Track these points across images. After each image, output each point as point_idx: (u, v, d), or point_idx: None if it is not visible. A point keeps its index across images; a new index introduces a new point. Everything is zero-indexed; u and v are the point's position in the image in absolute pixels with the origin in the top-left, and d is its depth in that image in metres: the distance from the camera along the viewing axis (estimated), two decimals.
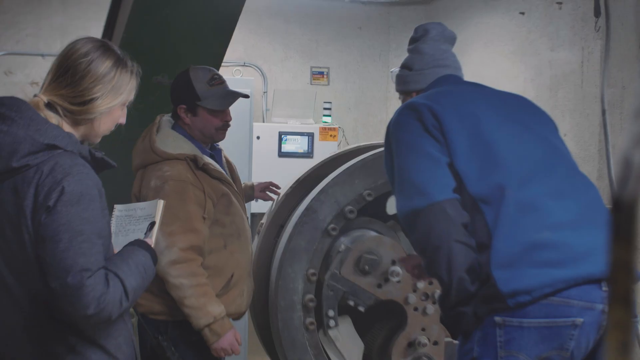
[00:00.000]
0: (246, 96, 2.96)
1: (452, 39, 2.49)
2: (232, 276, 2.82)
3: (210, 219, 2.74)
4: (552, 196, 2.06)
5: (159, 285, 2.63)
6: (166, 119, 2.89)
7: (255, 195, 3.32)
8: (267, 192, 3.39)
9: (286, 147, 6.55)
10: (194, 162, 2.75)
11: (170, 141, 2.78)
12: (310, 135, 6.61)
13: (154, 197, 2.62)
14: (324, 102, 7.08)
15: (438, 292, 3.27)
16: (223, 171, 2.87)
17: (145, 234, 2.09)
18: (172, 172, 2.70)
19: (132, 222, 2.15)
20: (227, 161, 3.07)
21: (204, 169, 2.76)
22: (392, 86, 2.58)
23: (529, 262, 1.94)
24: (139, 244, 2.02)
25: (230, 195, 2.84)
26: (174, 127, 2.87)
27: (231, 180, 2.90)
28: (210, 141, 2.91)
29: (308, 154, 6.56)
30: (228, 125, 2.91)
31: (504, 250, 1.96)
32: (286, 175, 4.03)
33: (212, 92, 2.82)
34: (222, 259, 2.79)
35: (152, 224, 2.12)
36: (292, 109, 6.81)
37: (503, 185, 2.03)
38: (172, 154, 2.74)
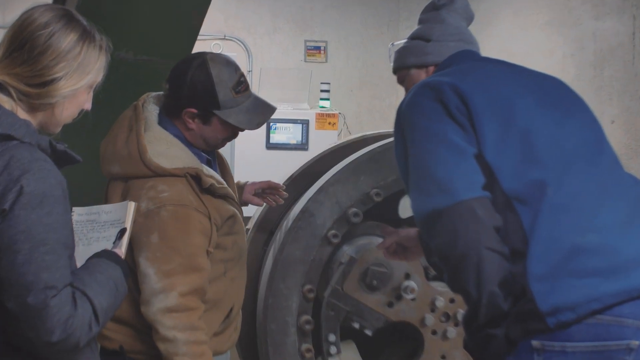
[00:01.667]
0: (275, 109, 2.85)
1: (471, 19, 2.57)
2: (231, 309, 2.78)
3: (213, 248, 2.65)
4: (598, 193, 2.08)
5: (144, 321, 2.60)
6: (152, 108, 2.74)
7: (244, 199, 3.15)
8: (269, 198, 3.20)
9: (276, 138, 6.56)
10: (195, 179, 2.63)
11: (164, 148, 2.63)
12: (305, 123, 6.62)
13: (145, 223, 2.52)
14: (321, 83, 7.09)
15: (461, 311, 3.28)
16: (226, 184, 2.76)
17: (114, 243, 2.09)
18: (171, 194, 2.57)
19: (95, 228, 2.15)
20: (219, 157, 3.01)
21: (210, 190, 2.65)
22: None
23: (571, 271, 1.95)
24: (107, 255, 2.01)
25: (236, 215, 2.76)
26: (163, 123, 2.72)
27: (234, 195, 2.79)
28: (209, 149, 2.81)
29: (302, 146, 6.57)
30: (237, 135, 2.82)
31: (542, 258, 1.96)
32: (276, 171, 4.04)
33: (236, 102, 2.69)
34: (221, 288, 2.72)
35: (122, 231, 2.11)
36: (283, 91, 6.81)
37: (544, 182, 2.03)
38: (168, 169, 2.61)
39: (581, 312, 1.91)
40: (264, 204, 3.25)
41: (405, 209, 3.45)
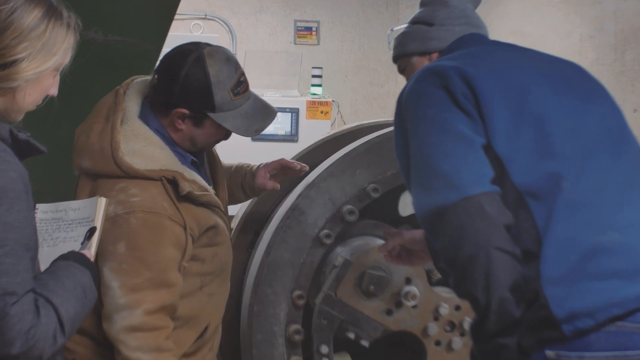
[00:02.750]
0: (275, 113, 2.84)
1: (477, 1, 2.61)
2: (206, 328, 2.76)
3: (187, 262, 2.63)
4: (620, 187, 2.09)
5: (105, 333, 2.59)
6: (134, 96, 2.70)
7: (258, 185, 3.10)
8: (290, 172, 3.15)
9: None
10: (172, 184, 2.60)
11: (141, 146, 2.60)
12: (295, 112, 6.62)
13: (112, 230, 2.49)
14: (313, 68, 7.09)
15: (468, 319, 3.28)
16: (211, 190, 2.75)
17: (82, 243, 2.09)
18: (142, 199, 2.54)
19: (62, 227, 2.15)
20: (212, 157, 2.96)
21: (189, 197, 2.62)
22: None
23: (589, 273, 1.96)
24: (75, 257, 2.01)
25: (218, 225, 2.73)
26: (145, 116, 2.68)
27: (219, 202, 2.77)
28: (196, 150, 2.79)
29: (292, 137, 6.57)
30: (229, 137, 2.79)
31: (558, 259, 1.97)
32: None
33: (234, 105, 2.68)
34: (196, 305, 2.71)
35: (92, 230, 2.11)
36: (270, 76, 6.81)
37: (560, 175, 2.04)
38: (141, 171, 2.56)
39: (600, 318, 1.92)
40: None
41: (406, 206, 3.46)
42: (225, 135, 2.75)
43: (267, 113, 2.79)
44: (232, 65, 2.70)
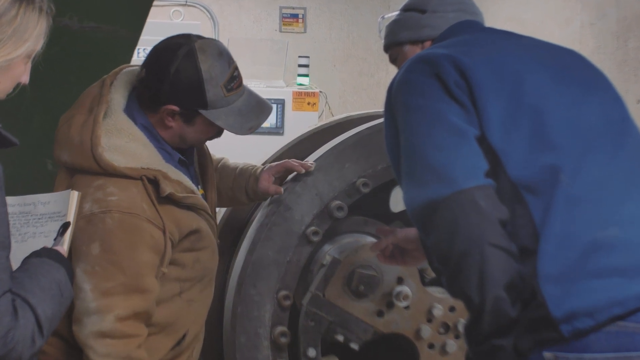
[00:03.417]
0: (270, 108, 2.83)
1: None
2: (184, 336, 2.75)
3: (166, 267, 2.61)
4: (621, 181, 2.10)
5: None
6: (121, 88, 2.68)
7: (262, 190, 3.11)
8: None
9: None
10: (154, 184, 2.58)
11: (123, 142, 2.58)
12: (280, 103, 6.61)
13: (86, 229, 2.48)
14: (299, 57, 7.09)
15: (463, 321, 3.29)
16: (197, 191, 2.73)
17: (55, 239, 2.08)
18: (120, 199, 2.53)
19: (30, 222, 2.14)
20: (203, 155, 2.95)
21: (170, 198, 2.60)
22: None
23: (589, 271, 1.97)
24: (49, 254, 2.01)
25: (202, 229, 2.72)
26: (130, 110, 2.66)
27: (206, 204, 2.77)
28: (186, 147, 2.78)
29: (277, 129, 6.57)
30: (222, 134, 2.79)
31: (556, 255, 1.98)
32: (246, 159, 4.03)
33: (227, 102, 2.67)
34: (174, 311, 2.70)
35: (65, 226, 2.10)
36: (254, 66, 6.80)
37: (558, 168, 2.05)
38: (121, 169, 2.54)
39: (601, 318, 1.93)
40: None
41: (397, 201, 3.46)
42: (218, 132, 2.75)
43: (261, 109, 2.78)
44: (225, 60, 2.68)
